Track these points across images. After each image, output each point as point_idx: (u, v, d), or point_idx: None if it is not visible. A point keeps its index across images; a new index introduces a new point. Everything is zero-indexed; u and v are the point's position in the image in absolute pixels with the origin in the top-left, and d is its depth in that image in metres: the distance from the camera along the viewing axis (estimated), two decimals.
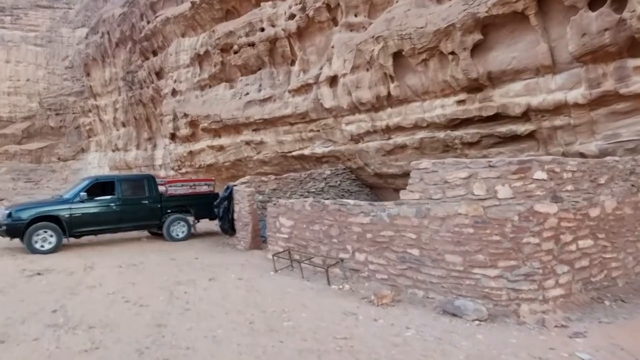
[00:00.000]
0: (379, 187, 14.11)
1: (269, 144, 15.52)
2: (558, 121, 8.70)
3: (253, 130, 15.82)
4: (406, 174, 12.79)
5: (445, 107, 10.27)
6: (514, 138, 9.58)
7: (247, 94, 15.95)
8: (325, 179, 13.39)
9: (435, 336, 4.53)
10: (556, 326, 4.81)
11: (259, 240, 10.20)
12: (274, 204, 8.91)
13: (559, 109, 8.49)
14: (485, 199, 5.42)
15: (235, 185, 10.69)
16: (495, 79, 9.26)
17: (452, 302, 5.38)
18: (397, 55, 10.56)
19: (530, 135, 9.32)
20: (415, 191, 6.10)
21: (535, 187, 5.35)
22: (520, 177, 5.32)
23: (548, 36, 8.28)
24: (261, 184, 11.83)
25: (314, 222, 7.85)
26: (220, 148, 17.52)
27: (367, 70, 11.43)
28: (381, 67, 10.90)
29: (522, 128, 9.24)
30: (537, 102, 8.67)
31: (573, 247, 5.73)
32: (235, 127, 16.36)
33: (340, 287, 6.70)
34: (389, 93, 11.14)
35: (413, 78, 10.63)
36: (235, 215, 10.51)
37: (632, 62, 7.33)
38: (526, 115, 9.03)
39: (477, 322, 4.97)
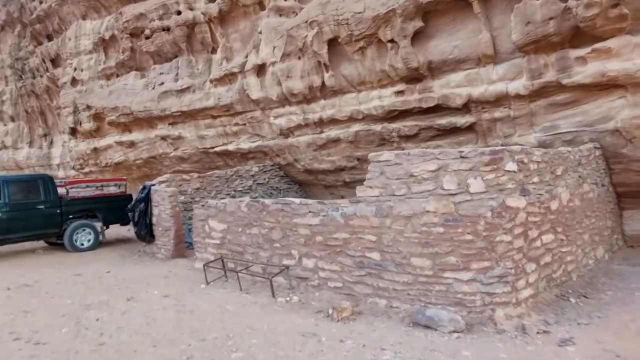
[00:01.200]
0: (309, 183, 13.39)
1: (188, 139, 14.13)
2: (498, 113, 8.53)
3: (169, 124, 14.32)
4: (338, 170, 12.24)
5: (383, 98, 9.77)
6: (453, 130, 9.32)
7: (162, 83, 14.41)
8: (252, 176, 12.38)
9: (418, 357, 3.85)
10: (538, 332, 4.37)
11: (183, 247, 8.95)
12: (202, 205, 7.77)
13: (500, 100, 8.32)
14: (456, 194, 4.85)
15: (154, 185, 9.32)
16: (435, 69, 8.90)
17: (422, 312, 4.75)
18: (333, 43, 9.86)
19: (470, 128, 9.10)
20: (375, 187, 5.40)
21: (506, 180, 4.89)
22: (492, 168, 4.82)
23: (490, 25, 8.05)
24: (183, 182, 10.54)
25: (251, 225, 6.87)
26: (131, 144, 15.73)
27: (299, 58, 10.61)
28: (315, 54, 10.13)
29: (462, 120, 8.99)
30: (478, 93, 8.43)
31: (538, 243, 5.40)
32: (148, 121, 14.71)
33: (288, 299, 5.83)
34: (323, 83, 10.42)
35: (349, 67, 10.00)
36: (154, 220, 9.16)
37: (574, 53, 7.27)
38: (466, 106, 8.78)
39: (455, 334, 4.38)
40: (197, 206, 7.93)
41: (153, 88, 14.54)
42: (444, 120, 9.21)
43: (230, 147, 13.38)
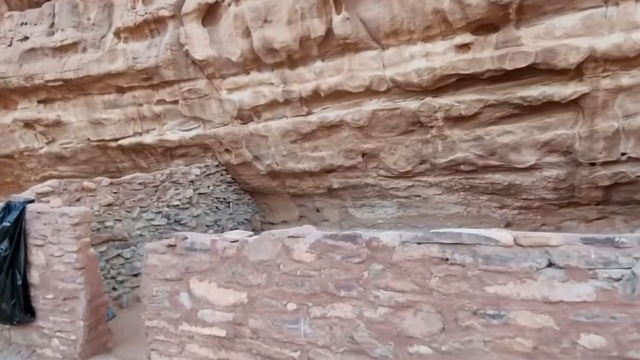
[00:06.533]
0: (268, 192, 9.33)
1: (74, 127, 9.09)
2: (627, 78, 5.59)
3: (40, 101, 9.09)
4: (325, 171, 8.37)
5: (433, 57, 6.28)
6: (540, 108, 6.18)
7: (26, 38, 9.14)
8: (192, 182, 7.92)
9: None
10: None
11: (105, 333, 4.31)
12: (171, 245, 3.41)
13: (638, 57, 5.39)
14: None
15: (31, 202, 4.50)
16: (529, 10, 5.68)
17: None
18: None
19: (568, 104, 6.03)
20: None
21: None
22: None
23: None
24: (82, 194, 5.78)
25: (330, 296, 2.79)
26: None
27: None
28: None
29: (566, 90, 5.87)
30: (608, 45, 5.39)
31: None
32: None
33: None
34: (327, 32, 6.58)
35: (375, 7, 6.34)
36: (35, 276, 4.28)
37: None
38: (579, 69, 5.69)
39: None
40: (155, 246, 3.51)
41: (9, 45, 9.18)
42: (534, 91, 6.01)
43: (148, 139, 8.73)
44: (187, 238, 3.35)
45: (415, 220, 8.50)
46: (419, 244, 2.56)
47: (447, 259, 2.48)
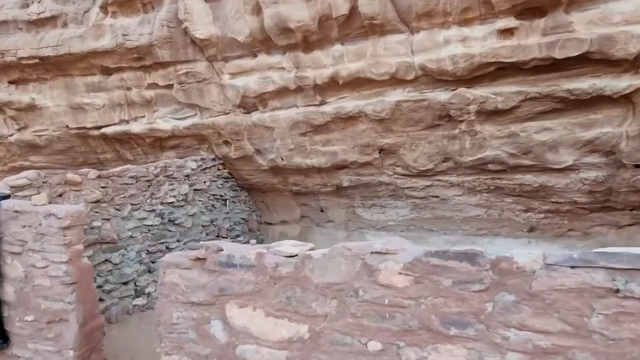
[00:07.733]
0: (268, 189, 8.55)
1: (51, 112, 8.09)
2: None
3: (12, 81, 8.05)
4: (336, 168, 7.61)
5: (470, 42, 5.63)
6: (584, 103, 5.60)
7: None
8: (187, 177, 7.06)
9: None
10: None
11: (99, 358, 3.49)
12: (199, 258, 2.60)
13: None
14: None
15: (6, 198, 3.62)
16: None
17: None
18: None
19: (619, 98, 5.47)
20: None
21: None
22: None
23: None
24: (65, 189, 4.88)
25: (432, 334, 2.04)
26: None
27: None
28: None
29: (621, 83, 5.30)
30: None
31: None
32: None
33: None
34: (352, 10, 5.84)
35: None
36: (11, 292, 3.40)
37: None
38: (635, 59, 5.12)
39: None
40: (176, 259, 2.70)
41: None
42: (583, 84, 5.42)
43: (136, 128, 7.83)
44: (222, 250, 2.56)
45: (429, 222, 7.86)
46: (573, 267, 1.86)
47: (617, 290, 1.79)
